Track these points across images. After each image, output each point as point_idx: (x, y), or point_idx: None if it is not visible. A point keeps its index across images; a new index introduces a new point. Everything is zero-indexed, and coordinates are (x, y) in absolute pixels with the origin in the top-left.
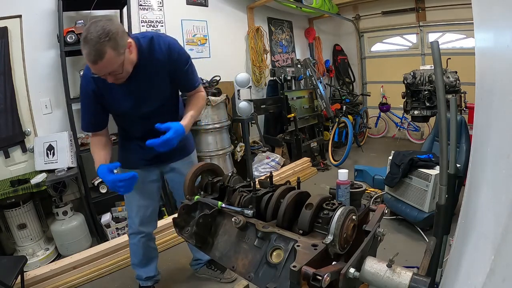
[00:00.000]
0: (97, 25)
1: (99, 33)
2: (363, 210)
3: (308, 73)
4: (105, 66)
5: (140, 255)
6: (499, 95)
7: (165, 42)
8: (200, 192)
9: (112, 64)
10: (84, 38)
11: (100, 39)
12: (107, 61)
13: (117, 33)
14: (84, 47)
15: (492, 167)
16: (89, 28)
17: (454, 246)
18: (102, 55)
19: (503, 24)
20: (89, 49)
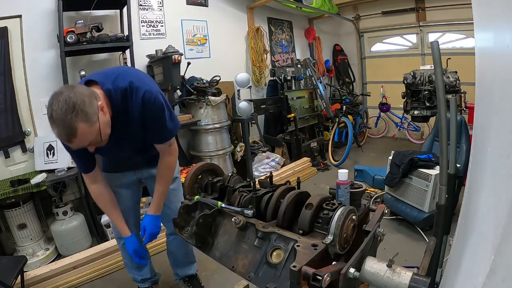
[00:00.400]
0: (59, 100)
1: (63, 110)
2: (363, 210)
3: (308, 73)
4: (81, 141)
5: (128, 258)
6: (499, 95)
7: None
8: (200, 192)
9: (88, 136)
10: (50, 118)
11: (67, 116)
12: (82, 136)
13: (83, 103)
14: (53, 127)
15: (492, 167)
16: (52, 106)
17: (454, 246)
18: (74, 132)
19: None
20: (58, 129)
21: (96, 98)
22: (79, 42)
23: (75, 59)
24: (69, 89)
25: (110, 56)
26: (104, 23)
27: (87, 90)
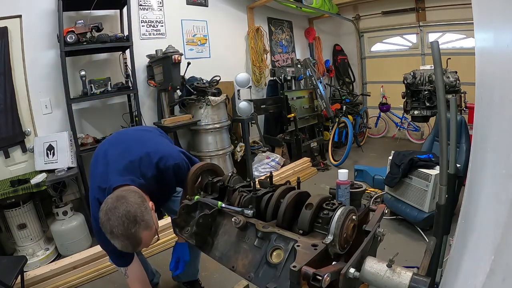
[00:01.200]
0: (117, 215)
1: (126, 225)
2: (363, 210)
3: (308, 73)
4: (144, 245)
5: None
6: (499, 95)
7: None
8: (200, 192)
9: (150, 240)
10: (111, 233)
11: (131, 230)
12: (145, 242)
13: (142, 213)
14: (115, 242)
15: (492, 167)
16: (111, 222)
17: (454, 246)
18: (140, 242)
19: (503, 24)
20: (122, 243)
21: (145, 200)
22: (79, 42)
23: (75, 59)
24: (121, 201)
25: (110, 56)
26: (104, 23)
27: (138, 196)
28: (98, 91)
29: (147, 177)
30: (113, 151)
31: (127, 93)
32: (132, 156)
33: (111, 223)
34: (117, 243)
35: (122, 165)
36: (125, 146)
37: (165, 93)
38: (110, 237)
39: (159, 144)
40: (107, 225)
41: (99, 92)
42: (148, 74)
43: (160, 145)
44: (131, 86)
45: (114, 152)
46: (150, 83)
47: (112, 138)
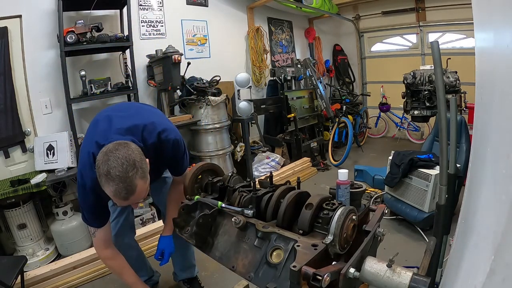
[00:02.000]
0: (117, 157)
1: (124, 167)
2: (363, 210)
3: (308, 73)
4: (137, 198)
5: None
6: (499, 95)
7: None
8: (200, 192)
9: (143, 193)
10: (107, 174)
11: (128, 173)
12: (138, 193)
13: (141, 160)
14: (109, 184)
15: (492, 167)
16: (109, 162)
17: (454, 246)
18: (134, 189)
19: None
20: (116, 186)
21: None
22: (79, 42)
23: (75, 59)
24: (123, 145)
25: (110, 56)
26: (104, 23)
27: (138, 149)
28: (98, 91)
29: (147, 144)
30: (117, 114)
31: (127, 93)
32: (136, 121)
33: (109, 163)
34: (111, 186)
35: (126, 126)
36: (130, 112)
37: (165, 93)
38: (105, 179)
39: (164, 119)
40: (104, 166)
41: (99, 92)
42: (148, 74)
43: (165, 120)
44: (131, 86)
45: (118, 115)
46: (150, 83)
47: (116, 106)
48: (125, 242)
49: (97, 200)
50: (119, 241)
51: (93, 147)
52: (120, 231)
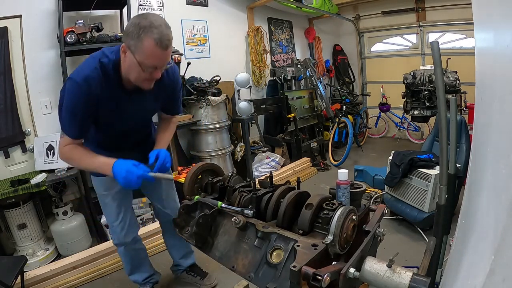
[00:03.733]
0: (154, 15)
1: (163, 21)
2: (363, 210)
3: (308, 73)
4: (168, 54)
5: (129, 260)
6: (499, 95)
7: (174, 70)
8: (200, 192)
9: (170, 55)
10: (150, 25)
11: (167, 26)
12: (170, 50)
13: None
14: (153, 33)
15: (492, 167)
16: (148, 17)
17: (454, 246)
18: (171, 41)
19: (503, 24)
20: (161, 34)
21: None
22: (79, 42)
23: (75, 59)
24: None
25: None
26: (104, 23)
27: None
28: None
29: None
30: None
31: None
32: None
33: (149, 18)
34: (155, 34)
35: None
36: None
37: None
38: (148, 30)
39: None
40: (145, 21)
41: None
42: None
43: None
44: None
45: None
46: None
47: None
48: (134, 237)
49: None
50: (128, 238)
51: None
52: (129, 230)
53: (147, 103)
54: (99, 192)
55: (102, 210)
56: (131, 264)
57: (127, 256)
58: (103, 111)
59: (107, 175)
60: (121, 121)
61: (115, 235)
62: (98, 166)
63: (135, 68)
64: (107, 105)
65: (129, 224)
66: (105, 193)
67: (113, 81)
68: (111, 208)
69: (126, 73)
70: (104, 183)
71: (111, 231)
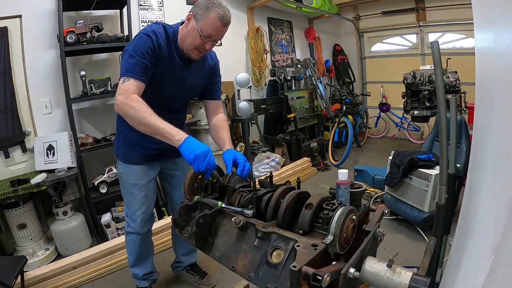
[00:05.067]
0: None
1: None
2: (363, 210)
3: (308, 73)
4: (225, 31)
5: (137, 251)
6: (499, 95)
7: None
8: (200, 192)
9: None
10: (219, 4)
11: (229, 11)
12: (226, 29)
13: None
14: (218, 10)
15: (492, 167)
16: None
17: (454, 246)
18: (229, 22)
19: (503, 24)
20: (224, 12)
21: None
22: (79, 42)
23: (75, 59)
24: None
25: (110, 56)
26: (104, 23)
27: None
28: (98, 91)
29: None
30: None
31: None
32: None
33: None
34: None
35: None
36: None
37: None
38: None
39: None
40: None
41: (99, 92)
42: None
43: None
44: None
45: None
46: None
47: None
48: (148, 230)
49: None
50: (144, 229)
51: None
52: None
53: (194, 76)
54: (129, 180)
55: (124, 197)
56: (137, 256)
57: (136, 246)
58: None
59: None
60: (171, 85)
61: (133, 223)
62: (168, 130)
63: (194, 33)
64: (163, 64)
65: (149, 216)
66: (135, 182)
67: (172, 44)
68: (137, 198)
69: (183, 39)
70: (137, 172)
71: (130, 219)
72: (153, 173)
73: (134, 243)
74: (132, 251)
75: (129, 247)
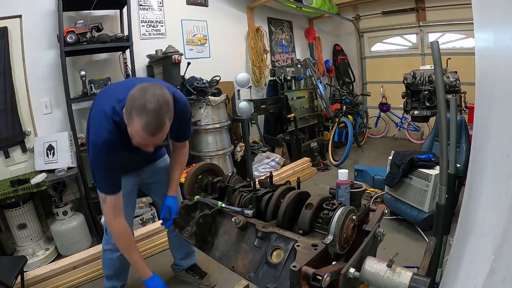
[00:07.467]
0: (154, 93)
1: (160, 103)
2: (363, 210)
3: (308, 73)
4: (160, 137)
5: (117, 266)
6: (499, 95)
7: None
8: (200, 192)
9: (165, 133)
10: (142, 107)
11: (162, 110)
12: (164, 133)
13: (172, 102)
14: (142, 117)
15: (492, 167)
16: (146, 96)
17: (454, 246)
18: (163, 126)
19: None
20: (149, 120)
21: None
22: (79, 42)
23: (75, 59)
24: (157, 86)
25: (110, 56)
26: (104, 23)
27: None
28: (98, 91)
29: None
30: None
31: None
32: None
33: (146, 97)
34: (143, 119)
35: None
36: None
37: None
38: (139, 112)
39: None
40: (140, 100)
41: (99, 92)
42: (148, 74)
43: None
44: None
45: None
46: None
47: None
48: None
49: (111, 160)
50: None
51: (113, 102)
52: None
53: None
54: None
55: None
56: (115, 270)
57: (116, 262)
58: (121, 156)
59: None
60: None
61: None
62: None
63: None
64: (123, 153)
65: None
66: None
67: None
68: None
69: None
70: None
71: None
72: (129, 186)
73: (114, 260)
74: (112, 267)
75: (108, 264)
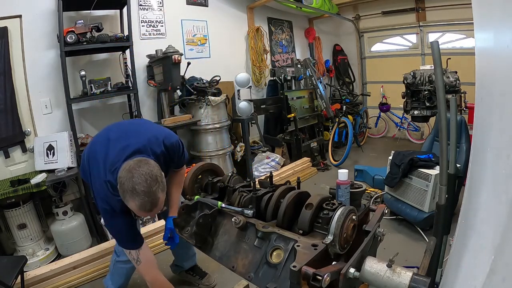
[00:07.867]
0: (140, 172)
1: (148, 182)
2: (363, 210)
3: (308, 73)
4: (158, 209)
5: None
6: (499, 95)
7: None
8: (200, 192)
9: (162, 204)
10: (133, 190)
11: (152, 188)
12: (160, 205)
13: (161, 175)
14: (134, 199)
15: (492, 167)
16: (133, 178)
17: (454, 246)
18: (157, 202)
19: (503, 24)
20: (142, 201)
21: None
22: (79, 42)
23: (75, 59)
24: (144, 162)
25: (110, 56)
26: (104, 23)
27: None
28: (98, 91)
29: (157, 154)
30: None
31: (127, 93)
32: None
33: (134, 180)
34: (136, 201)
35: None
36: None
37: (165, 93)
38: (130, 195)
39: (158, 127)
40: (129, 183)
41: (99, 92)
42: (148, 74)
43: (160, 127)
44: (131, 86)
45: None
46: (150, 83)
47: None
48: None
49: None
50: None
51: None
52: None
53: None
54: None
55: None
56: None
57: (129, 271)
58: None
59: None
60: None
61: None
62: None
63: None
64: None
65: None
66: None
67: None
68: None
69: None
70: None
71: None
72: None
73: (126, 270)
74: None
75: (120, 273)
